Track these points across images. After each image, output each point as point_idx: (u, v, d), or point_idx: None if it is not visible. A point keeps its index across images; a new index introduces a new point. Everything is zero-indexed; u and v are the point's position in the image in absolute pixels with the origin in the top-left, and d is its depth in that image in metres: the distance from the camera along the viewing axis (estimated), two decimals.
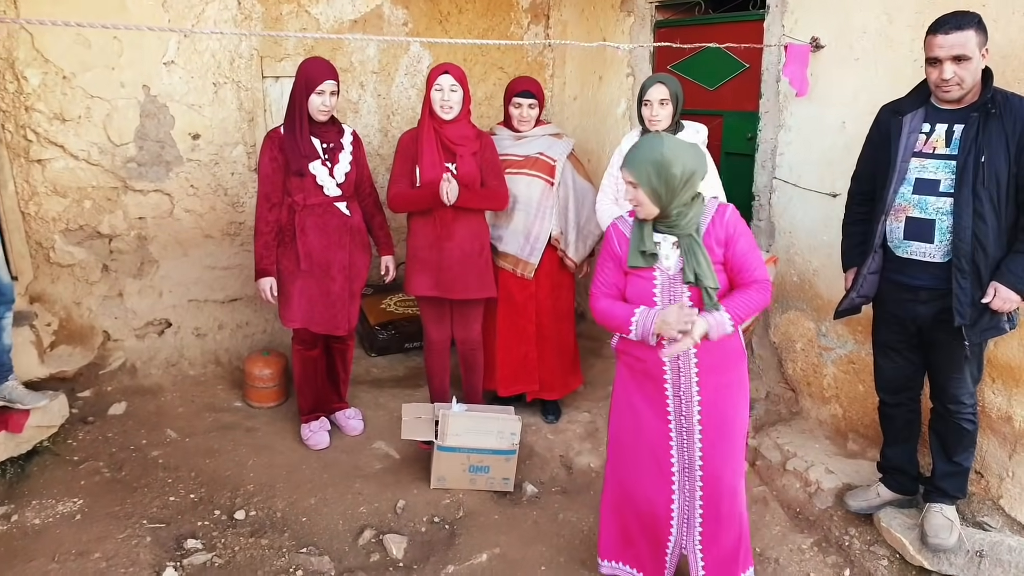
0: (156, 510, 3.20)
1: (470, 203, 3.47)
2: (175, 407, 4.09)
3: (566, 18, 5.35)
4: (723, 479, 2.56)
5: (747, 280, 2.43)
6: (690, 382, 2.51)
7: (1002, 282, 2.57)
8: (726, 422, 2.54)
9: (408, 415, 3.49)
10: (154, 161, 4.21)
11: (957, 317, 2.61)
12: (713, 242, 2.43)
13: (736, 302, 2.39)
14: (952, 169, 2.62)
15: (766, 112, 3.94)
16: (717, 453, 2.54)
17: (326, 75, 3.38)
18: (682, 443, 2.57)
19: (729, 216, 2.45)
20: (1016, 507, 3.02)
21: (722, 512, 2.59)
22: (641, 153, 2.38)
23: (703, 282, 2.38)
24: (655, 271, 2.46)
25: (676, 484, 2.61)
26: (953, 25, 2.52)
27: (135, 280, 4.30)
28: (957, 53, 2.51)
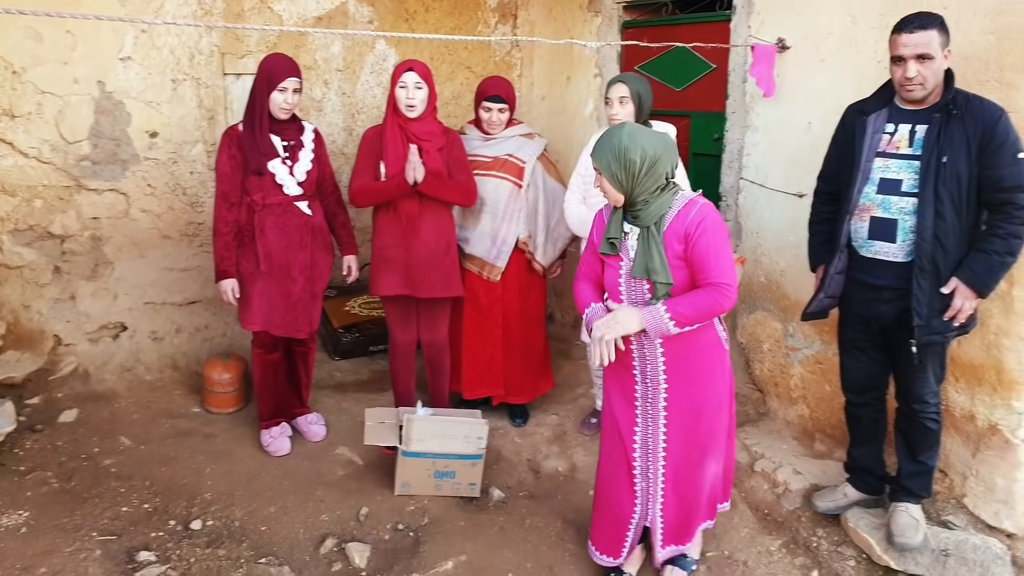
0: (107, 521, 3.08)
1: (437, 191, 3.39)
2: (130, 413, 3.97)
3: (534, 18, 5.32)
4: (690, 456, 2.63)
5: (703, 281, 2.39)
6: (657, 370, 2.55)
7: (962, 279, 2.58)
8: (693, 413, 2.58)
9: (371, 420, 3.42)
10: (109, 159, 4.08)
11: (916, 316, 2.62)
12: (674, 238, 2.40)
13: (682, 301, 2.36)
14: (915, 169, 2.63)
15: (733, 112, 3.94)
16: (682, 438, 2.60)
17: (289, 72, 3.30)
18: (646, 428, 2.64)
19: (696, 213, 2.40)
20: (980, 505, 3.03)
21: (686, 485, 2.68)
22: (603, 141, 2.44)
23: (655, 278, 2.38)
24: (622, 260, 2.51)
25: (638, 467, 2.69)
26: (917, 24, 2.54)
27: (89, 282, 4.16)
28: (921, 52, 2.53)
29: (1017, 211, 2.51)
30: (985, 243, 2.58)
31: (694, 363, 2.54)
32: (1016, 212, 2.52)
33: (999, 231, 2.55)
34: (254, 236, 3.37)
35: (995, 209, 2.56)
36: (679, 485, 2.68)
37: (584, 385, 4.38)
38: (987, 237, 2.59)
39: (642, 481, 2.70)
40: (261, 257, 3.38)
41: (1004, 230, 2.54)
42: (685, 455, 2.63)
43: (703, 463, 2.67)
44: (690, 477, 2.67)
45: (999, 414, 2.95)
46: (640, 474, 2.70)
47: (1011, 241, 2.53)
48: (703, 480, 2.70)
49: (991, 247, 2.56)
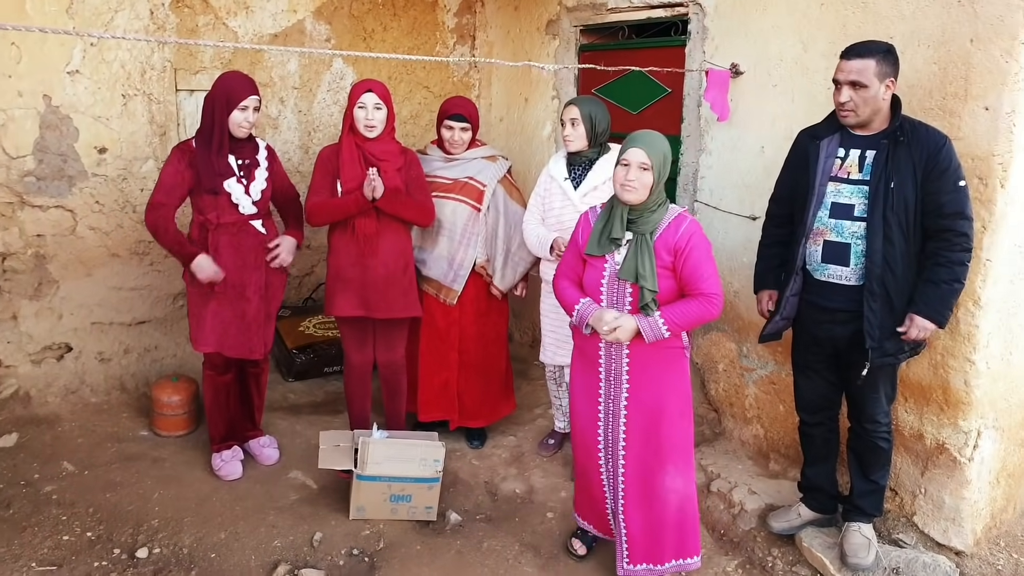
0: (48, 551, 2.97)
1: (396, 208, 3.35)
2: (74, 438, 3.84)
3: (492, 39, 5.35)
4: (647, 462, 2.75)
5: (694, 291, 2.60)
6: (620, 370, 2.73)
7: (918, 313, 2.63)
8: (653, 413, 2.72)
9: (326, 443, 3.35)
10: (55, 175, 3.97)
11: (868, 339, 2.67)
12: (663, 249, 2.60)
13: (675, 310, 2.59)
14: (865, 194, 2.69)
15: (688, 136, 3.99)
16: (641, 440, 2.74)
17: (249, 90, 3.26)
18: (608, 424, 2.80)
19: (686, 227, 2.62)
20: (929, 524, 3.09)
21: (647, 495, 2.77)
22: (655, 139, 2.62)
23: (642, 283, 2.56)
24: (607, 263, 2.67)
25: (603, 460, 2.86)
26: (856, 52, 2.64)
27: (32, 302, 4.03)
28: (853, 79, 2.62)
29: (957, 238, 2.58)
30: (931, 273, 2.63)
31: (657, 366, 2.71)
32: (956, 239, 2.58)
33: (942, 259, 2.61)
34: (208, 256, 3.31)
35: (935, 236, 2.62)
36: (640, 490, 2.78)
37: (543, 405, 4.37)
38: (931, 267, 2.64)
39: (607, 475, 2.86)
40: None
41: (946, 258, 2.60)
42: (643, 458, 2.75)
43: (663, 471, 2.75)
44: (651, 483, 2.76)
45: (946, 433, 3.01)
46: (604, 468, 2.86)
47: (955, 268, 2.60)
48: (665, 491, 2.76)
49: (938, 277, 2.61)
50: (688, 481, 2.82)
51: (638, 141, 2.62)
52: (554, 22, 4.76)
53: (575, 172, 3.52)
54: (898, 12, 2.99)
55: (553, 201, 3.55)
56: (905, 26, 2.97)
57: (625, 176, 2.59)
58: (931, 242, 2.63)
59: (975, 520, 3.05)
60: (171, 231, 3.24)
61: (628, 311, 2.64)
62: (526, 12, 4.98)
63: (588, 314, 2.68)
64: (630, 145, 2.62)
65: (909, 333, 2.65)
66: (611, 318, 2.61)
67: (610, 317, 2.61)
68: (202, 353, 3.49)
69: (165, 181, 3.26)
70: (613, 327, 2.60)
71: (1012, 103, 2.70)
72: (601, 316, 2.63)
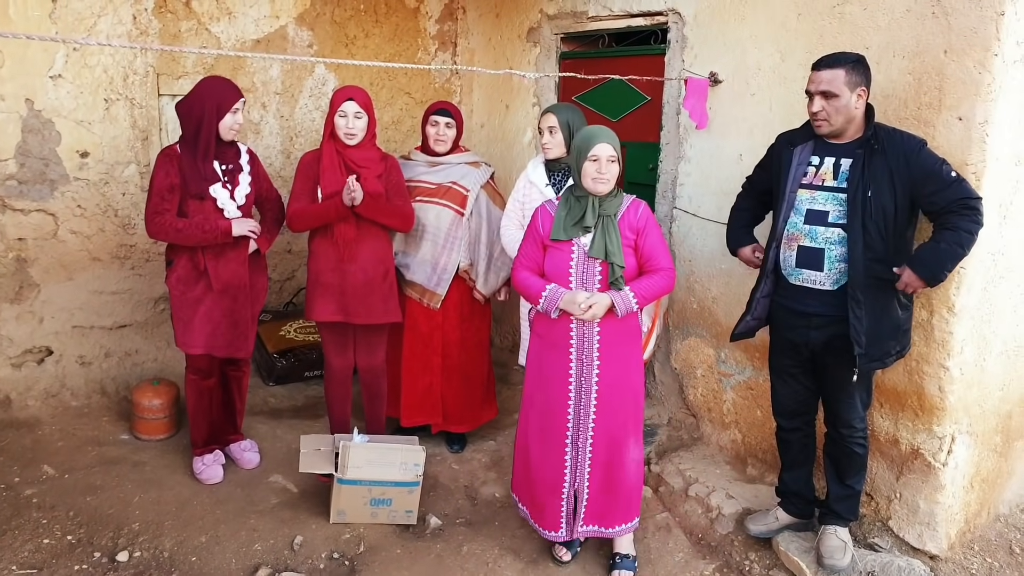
0: (27, 554, 2.96)
1: (375, 214, 3.37)
2: (54, 441, 3.82)
3: (473, 46, 5.38)
4: (614, 433, 2.93)
5: (655, 267, 2.85)
6: (592, 350, 2.88)
7: (910, 266, 2.65)
8: (622, 385, 2.93)
9: (307, 447, 3.37)
10: (37, 179, 3.96)
11: (856, 346, 2.70)
12: (627, 228, 2.83)
13: (643, 284, 2.81)
14: (840, 202, 2.73)
15: (667, 144, 4.04)
16: (610, 411, 2.92)
17: (238, 94, 3.31)
18: (579, 402, 2.93)
19: (643, 210, 2.89)
20: (904, 528, 3.13)
21: (611, 462, 2.95)
22: (611, 134, 2.82)
23: (612, 259, 2.77)
24: (573, 246, 2.84)
25: (570, 438, 2.96)
26: (826, 63, 2.69)
27: (12, 305, 4.01)
28: (824, 89, 2.67)
29: (967, 211, 2.60)
30: (937, 235, 2.65)
31: (623, 343, 2.91)
32: (966, 212, 2.60)
33: (948, 224, 2.61)
34: (197, 258, 3.33)
35: (946, 213, 2.63)
36: (605, 457, 2.95)
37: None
38: (937, 230, 2.66)
39: (572, 450, 2.97)
40: (213, 278, 3.34)
41: (954, 224, 2.60)
42: (611, 431, 2.93)
43: (627, 442, 2.96)
44: (616, 452, 2.95)
45: (921, 438, 3.06)
46: (571, 444, 2.97)
47: (961, 234, 2.60)
48: (627, 459, 2.97)
49: (941, 238, 2.62)
50: (642, 450, 3.05)
51: (601, 137, 2.80)
52: (535, 30, 4.79)
53: (555, 178, 3.55)
54: (874, 23, 3.05)
55: (533, 206, 3.57)
56: (880, 37, 3.02)
57: (597, 170, 2.78)
58: (942, 216, 2.64)
59: (949, 524, 3.09)
60: (185, 226, 3.25)
61: (597, 290, 2.82)
62: (507, 20, 5.01)
63: (557, 298, 2.81)
64: (594, 141, 2.78)
65: (900, 282, 2.66)
66: (584, 297, 2.78)
67: (583, 297, 2.78)
68: (187, 357, 3.50)
69: (159, 187, 3.26)
70: (589, 304, 2.76)
71: (985, 113, 2.75)
72: (573, 297, 2.79)
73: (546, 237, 2.89)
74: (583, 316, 2.79)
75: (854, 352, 2.70)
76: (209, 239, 3.28)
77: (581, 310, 2.77)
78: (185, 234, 3.26)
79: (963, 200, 2.61)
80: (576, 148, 2.85)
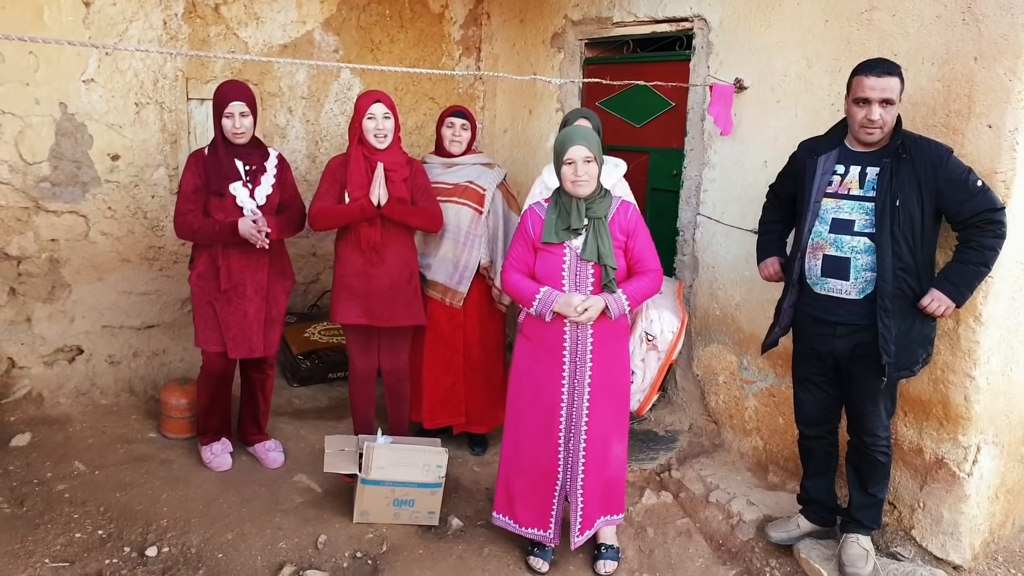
0: (60, 548, 3.02)
1: (402, 216, 3.41)
2: (84, 438, 3.90)
3: (497, 51, 5.41)
4: (605, 432, 2.98)
5: (644, 269, 2.90)
6: (585, 352, 2.91)
7: (938, 287, 2.68)
8: (612, 385, 2.97)
9: (331, 447, 3.40)
10: (70, 181, 4.04)
11: (884, 355, 2.70)
12: (617, 230, 2.86)
13: (634, 286, 2.86)
14: (866, 210, 2.72)
15: (691, 150, 4.04)
16: (602, 411, 2.96)
17: (232, 96, 3.36)
18: (572, 403, 2.95)
19: (632, 212, 2.92)
20: (927, 537, 3.12)
21: (603, 460, 3.00)
22: (586, 132, 2.82)
23: (604, 261, 2.80)
24: (565, 249, 2.86)
25: (562, 439, 2.98)
26: (884, 70, 2.64)
27: (45, 305, 4.10)
28: (887, 96, 2.63)
29: (990, 225, 2.62)
30: (960, 254, 2.69)
31: (613, 343, 2.95)
32: (988, 227, 2.62)
33: (972, 242, 2.66)
34: (216, 256, 3.40)
35: (970, 226, 2.66)
36: (599, 460, 2.99)
37: None
38: (961, 249, 2.69)
39: (564, 452, 3.00)
40: (222, 276, 3.40)
41: (977, 241, 2.64)
42: (602, 430, 2.97)
43: (613, 438, 3.02)
44: (605, 450, 3.00)
45: (945, 448, 3.05)
46: (563, 445, 2.99)
47: (985, 253, 2.64)
48: (612, 456, 3.04)
49: (966, 258, 2.67)
50: (625, 445, 3.13)
51: (575, 139, 2.79)
52: (559, 35, 4.82)
53: None
54: (902, 30, 3.04)
55: None
56: (909, 44, 3.02)
57: (574, 173, 2.77)
58: (965, 231, 2.67)
59: (973, 535, 3.08)
60: (202, 225, 3.35)
61: (590, 291, 2.85)
62: (531, 25, 5.04)
63: (552, 301, 2.82)
64: (568, 144, 2.78)
65: (929, 307, 2.68)
66: (579, 300, 2.79)
67: (578, 300, 2.80)
68: (203, 354, 3.60)
69: (185, 188, 3.39)
70: (584, 308, 2.78)
71: (1015, 121, 2.75)
72: (569, 300, 2.81)
73: (537, 240, 2.90)
74: (578, 319, 2.81)
75: (882, 361, 2.70)
76: (217, 235, 3.34)
77: (577, 313, 2.79)
78: (200, 233, 3.36)
79: (986, 213, 2.62)
80: (554, 153, 2.87)
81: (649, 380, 3.40)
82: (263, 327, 3.54)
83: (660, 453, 3.96)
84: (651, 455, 3.94)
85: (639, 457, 3.88)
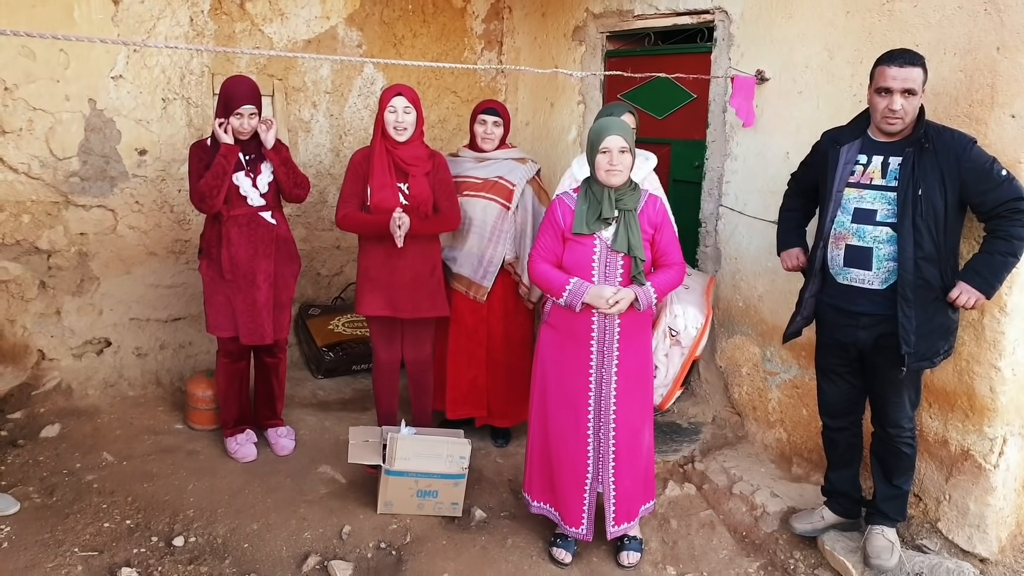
0: (89, 537, 3.07)
1: (422, 231, 3.45)
2: (112, 429, 3.96)
3: (519, 45, 5.42)
4: (633, 422, 3.00)
5: (669, 262, 2.95)
6: (612, 342, 2.93)
7: (965, 280, 2.66)
8: (638, 375, 3.00)
9: (355, 438, 3.44)
10: (98, 176, 4.11)
11: (903, 345, 2.68)
12: (646, 222, 2.89)
13: (661, 279, 2.90)
14: (888, 200, 2.71)
15: (713, 141, 4.03)
16: (629, 400, 2.98)
17: (245, 99, 3.41)
18: (600, 393, 2.97)
19: (660, 206, 2.95)
20: (953, 530, 3.09)
21: (632, 450, 3.02)
22: (622, 124, 2.85)
23: (634, 252, 2.83)
24: (595, 240, 2.87)
25: (591, 429, 3.00)
26: (907, 60, 2.62)
27: (74, 298, 4.17)
28: (908, 87, 2.61)
29: (1017, 215, 2.60)
30: (987, 244, 2.67)
31: (639, 333, 2.98)
32: (1016, 216, 2.60)
33: (1000, 232, 2.64)
34: (220, 245, 3.47)
35: (997, 216, 2.64)
36: (628, 449, 3.01)
37: None
38: (988, 239, 2.68)
39: (594, 441, 3.01)
40: (226, 266, 3.47)
41: (1005, 231, 2.62)
42: (630, 418, 2.99)
43: (643, 428, 3.06)
44: (635, 440, 3.02)
45: (971, 440, 3.02)
46: (592, 435, 3.01)
47: (1013, 242, 2.62)
48: (643, 445, 3.07)
49: (993, 248, 2.65)
50: (652, 434, 3.15)
51: (612, 128, 2.81)
52: (581, 28, 4.82)
53: None
54: (924, 20, 3.02)
55: None
56: (931, 34, 2.99)
57: (609, 162, 2.79)
58: (992, 221, 2.66)
59: (1000, 527, 3.05)
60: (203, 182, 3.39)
61: (618, 283, 2.86)
62: (553, 19, 5.04)
63: (583, 292, 2.82)
64: (605, 134, 2.79)
65: (959, 300, 2.67)
66: (611, 292, 2.81)
67: (609, 292, 2.81)
68: (218, 340, 3.67)
69: (195, 173, 3.46)
70: (616, 300, 2.79)
71: None
72: (600, 292, 2.82)
73: (567, 230, 2.91)
74: (608, 311, 2.83)
75: (901, 351, 2.68)
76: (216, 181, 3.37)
77: (608, 305, 2.81)
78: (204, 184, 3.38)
79: (1012, 202, 2.60)
80: (588, 142, 2.88)
81: (672, 375, 3.39)
82: (272, 313, 3.60)
83: (683, 445, 3.96)
84: (674, 447, 3.94)
85: (662, 449, 3.88)
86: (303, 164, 4.67)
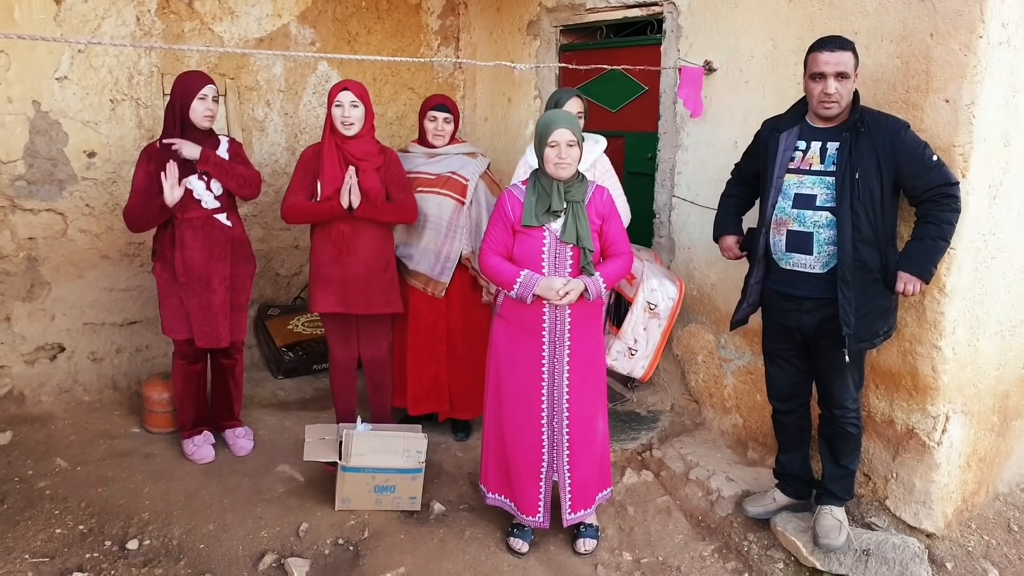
0: (40, 543, 3.04)
1: (374, 215, 3.44)
2: (66, 435, 3.91)
3: (475, 41, 5.42)
4: (586, 411, 3.05)
5: (617, 252, 2.99)
6: (564, 333, 2.97)
7: (903, 268, 2.71)
8: (590, 364, 3.04)
9: (311, 436, 3.43)
10: (45, 179, 4.05)
11: (844, 326, 2.74)
12: (593, 213, 2.93)
13: (609, 268, 2.95)
14: (827, 185, 2.76)
15: (664, 133, 4.07)
16: (582, 390, 3.03)
17: (205, 80, 3.40)
18: (553, 383, 3.01)
19: (606, 196, 2.99)
20: (900, 507, 3.16)
21: (586, 438, 3.06)
22: (570, 117, 2.88)
23: (583, 243, 2.86)
24: (544, 232, 2.90)
25: (545, 419, 3.04)
26: (837, 45, 2.69)
27: (24, 303, 4.11)
28: (841, 70, 2.68)
29: (945, 200, 2.67)
30: (918, 230, 2.73)
31: (589, 322, 3.01)
32: (944, 201, 2.67)
33: (930, 217, 2.70)
34: (173, 248, 3.44)
35: (926, 201, 2.71)
36: (583, 437, 3.05)
37: None
38: (920, 224, 2.74)
39: (548, 431, 3.06)
40: (179, 270, 3.44)
41: (935, 216, 2.69)
42: (584, 407, 3.04)
43: (597, 416, 3.09)
44: (589, 429, 3.06)
45: (915, 418, 3.09)
46: (546, 424, 3.05)
47: (943, 227, 2.68)
48: (597, 433, 3.10)
49: (925, 233, 2.71)
50: (607, 422, 3.19)
51: (559, 122, 2.83)
52: (535, 23, 4.84)
53: None
54: (862, 8, 3.07)
55: None
56: (869, 22, 3.05)
57: (558, 155, 2.82)
58: (923, 206, 2.72)
59: (945, 503, 3.12)
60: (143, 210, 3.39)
61: (568, 273, 2.91)
62: (508, 13, 5.06)
63: (533, 284, 2.86)
64: (553, 127, 2.81)
65: (905, 290, 2.71)
66: (560, 284, 2.85)
67: (559, 283, 2.86)
68: (174, 343, 3.64)
69: (137, 185, 3.42)
70: (566, 291, 2.84)
71: (971, 95, 2.77)
72: (550, 284, 2.86)
73: (517, 222, 2.93)
74: (559, 302, 2.87)
75: (842, 333, 2.74)
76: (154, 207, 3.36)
77: (558, 296, 2.85)
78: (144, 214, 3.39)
79: (941, 188, 2.66)
80: (536, 135, 2.90)
81: (652, 346, 3.55)
82: (228, 316, 3.58)
83: (642, 433, 4.00)
84: (633, 435, 3.98)
85: (620, 438, 3.92)
86: (258, 164, 4.64)
